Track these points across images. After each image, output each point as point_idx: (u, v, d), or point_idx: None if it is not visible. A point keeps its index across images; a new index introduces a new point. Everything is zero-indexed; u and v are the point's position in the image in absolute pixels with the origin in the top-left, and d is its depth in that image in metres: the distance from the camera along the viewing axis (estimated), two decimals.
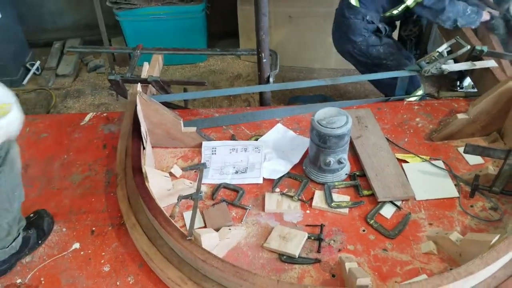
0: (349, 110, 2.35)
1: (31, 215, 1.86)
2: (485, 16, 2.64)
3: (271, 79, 2.53)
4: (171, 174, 2.03)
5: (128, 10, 3.85)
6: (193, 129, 2.18)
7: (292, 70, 4.21)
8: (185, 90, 2.60)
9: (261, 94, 2.63)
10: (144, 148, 1.98)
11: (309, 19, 3.87)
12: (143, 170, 1.82)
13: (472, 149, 1.85)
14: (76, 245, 1.80)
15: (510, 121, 2.06)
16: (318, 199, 1.95)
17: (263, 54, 2.45)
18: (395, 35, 3.60)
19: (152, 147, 2.16)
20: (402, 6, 2.74)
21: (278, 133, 2.30)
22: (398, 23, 3.24)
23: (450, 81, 3.53)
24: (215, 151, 2.18)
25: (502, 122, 2.11)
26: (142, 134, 1.98)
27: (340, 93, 3.92)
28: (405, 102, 2.43)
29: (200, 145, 2.21)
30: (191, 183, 1.99)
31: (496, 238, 1.51)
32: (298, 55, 4.17)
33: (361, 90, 3.89)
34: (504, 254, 1.49)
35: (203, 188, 1.99)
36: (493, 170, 1.87)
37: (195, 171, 2.09)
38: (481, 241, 1.55)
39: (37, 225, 1.81)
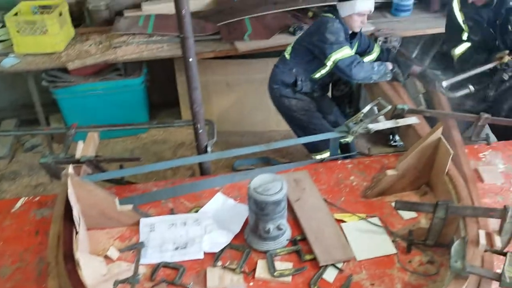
0: (287, 173, 2.40)
1: None
2: (389, 66, 2.93)
3: (209, 149, 2.55)
4: (107, 257, 1.96)
5: (64, 88, 3.83)
6: (130, 206, 2.13)
7: (234, 135, 4.27)
8: (121, 167, 2.57)
9: (200, 164, 2.63)
10: (77, 233, 1.90)
11: (246, 85, 4.00)
12: (75, 257, 1.74)
13: (402, 205, 1.91)
14: None
15: (435, 175, 2.16)
16: (261, 269, 1.92)
17: (198, 125, 2.48)
18: None
19: (88, 229, 2.09)
20: (327, 69, 2.99)
21: (218, 202, 2.29)
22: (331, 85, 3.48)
23: (384, 136, 3.69)
24: (153, 228, 2.13)
25: (429, 175, 2.20)
26: (74, 218, 1.91)
27: (283, 154, 4.00)
28: (339, 162, 2.50)
29: (138, 223, 2.15)
30: (128, 265, 1.92)
31: None
32: (239, 119, 4.26)
33: (302, 150, 3.98)
34: None
35: (141, 270, 1.91)
36: (426, 224, 1.93)
37: (133, 252, 2.02)
38: None
39: None
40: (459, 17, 2.97)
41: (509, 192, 2.24)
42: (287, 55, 3.20)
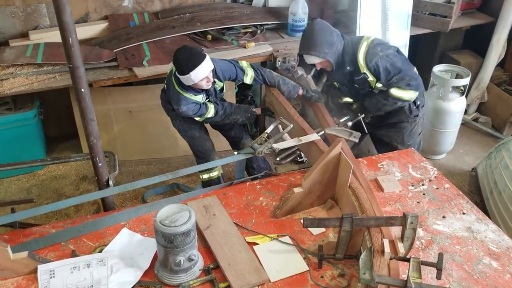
0: (196, 200, 2.34)
1: None
2: (258, 111, 3.14)
3: (110, 182, 2.41)
4: None
5: None
6: (25, 254, 1.93)
7: (141, 163, 4.12)
8: (13, 211, 2.34)
9: (102, 199, 2.48)
10: None
11: (149, 112, 3.89)
12: None
13: (310, 223, 1.93)
14: None
15: (339, 188, 2.22)
16: None
17: (97, 159, 2.34)
18: None
19: None
20: None
21: (124, 238, 2.16)
22: None
23: (292, 152, 3.76)
24: (53, 274, 1.95)
25: (334, 189, 2.27)
26: None
27: (193, 179, 3.92)
28: (248, 183, 2.49)
29: (35, 271, 1.96)
30: None
31: None
32: (145, 147, 4.12)
33: None
34: None
35: None
36: (334, 237, 1.96)
37: None
38: None
39: None
40: None
41: (407, 199, 2.37)
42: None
